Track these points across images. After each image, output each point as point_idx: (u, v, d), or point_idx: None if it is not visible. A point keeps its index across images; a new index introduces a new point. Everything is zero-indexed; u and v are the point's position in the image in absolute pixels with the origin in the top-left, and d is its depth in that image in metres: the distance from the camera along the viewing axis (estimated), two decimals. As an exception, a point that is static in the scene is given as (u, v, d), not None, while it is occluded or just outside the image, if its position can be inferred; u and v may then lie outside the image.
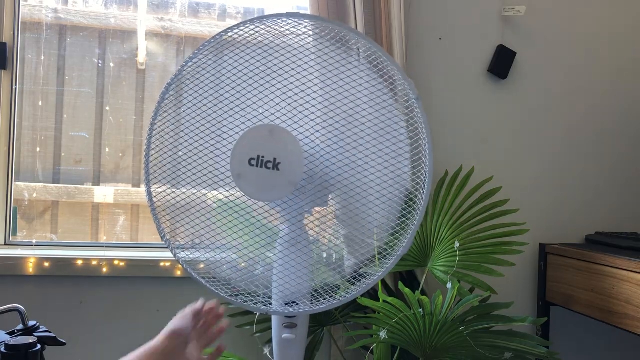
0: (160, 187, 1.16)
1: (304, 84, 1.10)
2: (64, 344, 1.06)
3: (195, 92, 1.13)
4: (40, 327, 1.07)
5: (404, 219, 1.15)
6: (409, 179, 1.12)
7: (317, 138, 1.13)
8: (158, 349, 0.97)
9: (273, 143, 1.08)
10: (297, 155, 1.08)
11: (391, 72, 1.12)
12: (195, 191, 1.14)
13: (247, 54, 1.11)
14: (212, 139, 1.13)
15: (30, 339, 0.98)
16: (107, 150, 1.82)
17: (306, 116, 1.10)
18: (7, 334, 1.03)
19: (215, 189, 1.14)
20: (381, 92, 1.11)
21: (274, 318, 1.22)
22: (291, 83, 1.10)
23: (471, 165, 1.70)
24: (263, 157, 1.08)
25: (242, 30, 1.13)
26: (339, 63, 1.10)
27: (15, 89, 1.71)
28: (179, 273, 1.68)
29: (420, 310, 1.34)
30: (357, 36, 1.13)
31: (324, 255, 1.21)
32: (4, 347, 0.95)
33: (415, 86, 1.13)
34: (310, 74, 1.10)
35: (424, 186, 1.13)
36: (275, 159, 1.08)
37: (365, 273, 1.17)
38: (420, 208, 1.14)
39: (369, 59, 1.12)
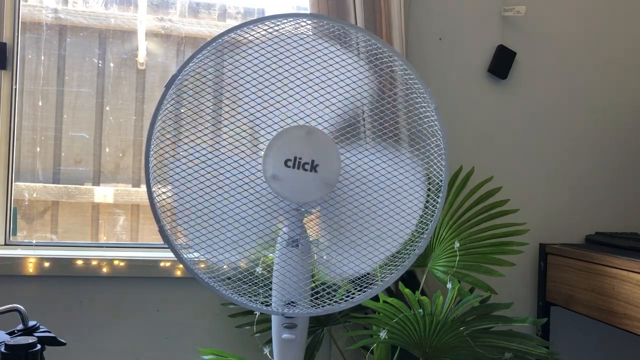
0: (161, 187, 1.15)
1: (329, 85, 1.10)
2: (64, 344, 1.06)
3: (216, 90, 1.11)
4: (40, 327, 1.07)
5: (422, 219, 1.17)
6: (426, 184, 1.15)
7: (341, 140, 1.14)
8: None
9: (310, 144, 1.08)
10: (335, 157, 1.09)
11: (410, 80, 1.13)
12: (197, 189, 1.13)
13: (268, 52, 1.10)
14: (231, 136, 1.12)
15: (30, 339, 0.98)
16: (107, 150, 1.82)
17: (331, 117, 1.12)
18: (7, 334, 1.03)
19: (219, 187, 1.12)
20: (404, 99, 1.13)
21: (273, 318, 1.22)
22: (316, 84, 1.10)
23: (471, 166, 1.70)
24: (300, 158, 1.07)
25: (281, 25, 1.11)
26: (361, 67, 1.12)
27: (15, 89, 1.71)
28: (178, 273, 1.68)
29: (421, 310, 1.34)
30: (390, 51, 1.15)
31: (324, 256, 1.21)
32: (4, 347, 0.95)
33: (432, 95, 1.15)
34: (336, 76, 1.10)
35: (440, 189, 1.16)
36: (313, 161, 1.08)
37: (374, 274, 1.18)
38: (437, 211, 1.16)
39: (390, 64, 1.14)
